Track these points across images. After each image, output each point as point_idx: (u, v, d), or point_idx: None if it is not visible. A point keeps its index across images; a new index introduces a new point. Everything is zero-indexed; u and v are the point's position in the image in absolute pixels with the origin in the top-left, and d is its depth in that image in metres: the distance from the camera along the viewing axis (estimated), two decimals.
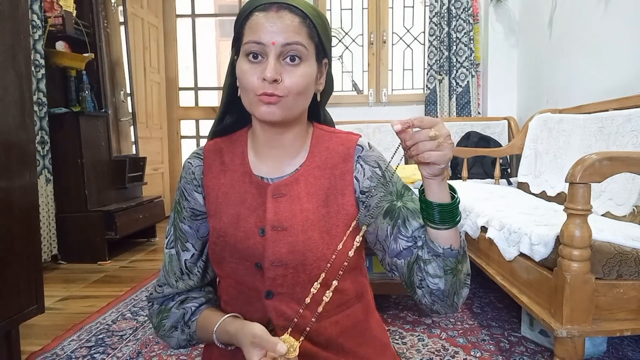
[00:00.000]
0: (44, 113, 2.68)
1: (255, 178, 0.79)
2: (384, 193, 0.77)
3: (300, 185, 0.78)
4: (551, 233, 1.33)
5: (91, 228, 2.89)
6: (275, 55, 0.69)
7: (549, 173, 2.37)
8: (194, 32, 4.50)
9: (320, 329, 0.77)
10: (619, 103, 2.04)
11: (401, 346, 1.66)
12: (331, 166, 0.79)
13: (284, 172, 0.79)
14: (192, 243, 0.84)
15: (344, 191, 0.78)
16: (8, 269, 1.41)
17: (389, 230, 0.75)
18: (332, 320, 0.78)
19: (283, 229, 0.75)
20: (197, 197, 0.83)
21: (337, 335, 0.79)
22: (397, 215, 0.75)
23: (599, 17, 2.41)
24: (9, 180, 1.42)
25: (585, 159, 1.20)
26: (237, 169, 0.81)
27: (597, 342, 1.59)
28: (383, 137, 3.48)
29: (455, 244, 0.69)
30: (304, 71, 0.71)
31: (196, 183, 0.83)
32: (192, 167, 0.83)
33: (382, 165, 0.80)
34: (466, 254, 0.73)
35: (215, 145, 0.84)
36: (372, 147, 0.82)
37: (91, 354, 1.64)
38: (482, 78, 3.67)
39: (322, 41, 0.75)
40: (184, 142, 4.67)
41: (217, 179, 0.81)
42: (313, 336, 0.77)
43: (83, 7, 3.07)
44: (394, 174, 0.80)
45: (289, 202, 0.77)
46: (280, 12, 0.70)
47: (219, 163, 0.82)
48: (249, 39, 0.71)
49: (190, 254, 0.84)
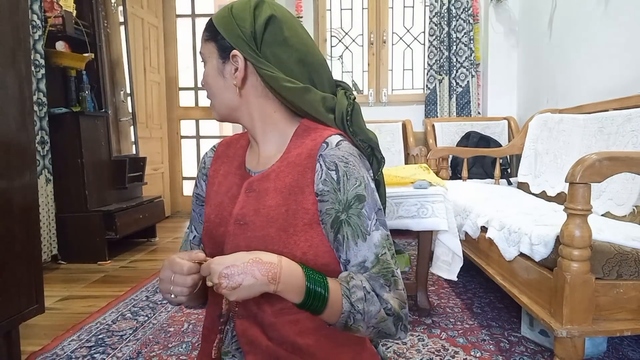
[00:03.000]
0: (44, 113, 2.68)
1: (244, 170, 0.85)
2: (334, 200, 0.75)
3: (270, 181, 0.79)
4: (551, 233, 1.33)
5: (91, 228, 2.89)
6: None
7: (549, 173, 2.37)
8: (194, 32, 4.51)
9: (277, 324, 0.76)
10: (619, 103, 2.04)
11: (401, 346, 1.66)
12: (298, 163, 0.78)
13: (264, 167, 0.82)
14: (195, 226, 0.93)
15: (304, 189, 0.76)
16: (8, 269, 1.41)
17: (331, 241, 0.77)
18: (292, 319, 0.76)
19: (244, 224, 0.78)
20: (202, 185, 0.92)
21: (295, 335, 0.76)
22: (338, 230, 0.75)
23: (599, 18, 2.41)
24: (9, 180, 1.42)
25: (585, 159, 1.20)
26: (235, 161, 0.88)
27: (597, 342, 1.59)
28: (383, 137, 3.49)
29: (327, 320, 0.73)
30: (205, 71, 0.83)
31: (204, 172, 0.92)
32: (206, 157, 0.94)
33: (340, 168, 0.75)
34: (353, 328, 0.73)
35: (229, 139, 0.94)
36: (339, 145, 0.77)
37: (91, 354, 1.64)
38: (482, 78, 3.67)
39: (225, 38, 0.79)
40: (184, 142, 4.67)
41: (218, 169, 0.89)
42: (268, 331, 0.76)
43: (83, 7, 3.07)
44: (353, 179, 0.75)
45: (256, 198, 0.79)
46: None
47: (224, 155, 0.91)
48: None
49: (194, 235, 0.94)
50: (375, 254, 0.75)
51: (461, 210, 2.10)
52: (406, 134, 3.55)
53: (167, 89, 4.48)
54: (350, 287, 0.71)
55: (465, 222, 2.03)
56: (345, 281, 0.72)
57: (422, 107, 3.74)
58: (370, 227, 0.75)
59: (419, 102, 3.80)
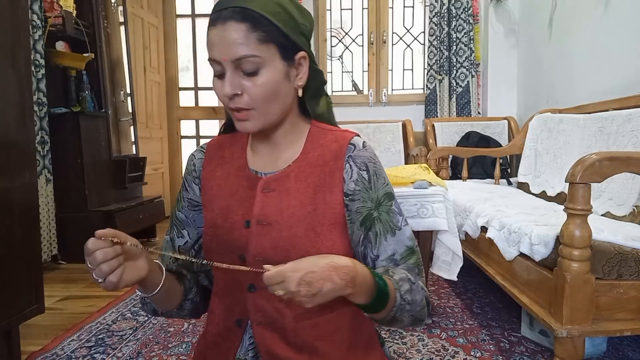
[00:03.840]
0: (44, 113, 2.68)
1: (249, 172, 0.81)
2: (365, 199, 0.77)
3: (290, 181, 0.78)
4: (551, 233, 1.33)
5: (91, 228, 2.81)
6: (231, 70, 0.70)
7: (549, 173, 2.37)
8: (194, 32, 4.50)
9: (298, 329, 0.76)
10: (619, 103, 2.04)
11: (401, 346, 1.66)
12: (322, 163, 0.78)
13: (277, 168, 0.80)
14: (188, 231, 0.88)
15: (332, 189, 0.77)
16: (8, 269, 1.41)
17: (361, 239, 0.77)
18: (312, 323, 0.77)
19: (268, 224, 0.76)
20: (194, 188, 0.87)
21: (314, 339, 0.77)
22: (370, 227, 0.76)
23: (599, 17, 2.41)
24: (9, 180, 1.42)
25: (585, 159, 1.20)
26: (234, 162, 0.84)
27: (597, 342, 1.59)
28: (383, 137, 3.49)
29: (375, 317, 0.74)
30: (264, 79, 0.70)
31: (195, 175, 0.86)
32: (195, 159, 0.87)
33: (370, 168, 0.78)
34: (398, 319, 0.74)
35: (218, 141, 0.88)
36: (365, 147, 0.80)
37: (91, 354, 1.64)
38: (482, 78, 3.67)
39: (290, 37, 0.72)
40: (184, 142, 4.67)
41: (214, 171, 0.85)
42: (289, 336, 0.77)
43: (83, 7, 3.07)
44: (382, 178, 0.78)
45: (277, 197, 0.77)
46: (226, 23, 0.68)
47: (218, 157, 0.86)
48: (208, 56, 0.72)
49: (184, 241, 0.88)
50: (409, 246, 0.78)
51: (461, 210, 2.10)
52: (406, 134, 3.55)
53: (167, 89, 4.47)
54: (398, 281, 0.72)
55: (465, 222, 2.03)
56: (389, 275, 0.72)
57: (422, 107, 3.74)
58: (401, 222, 0.78)
59: (419, 102, 3.80)
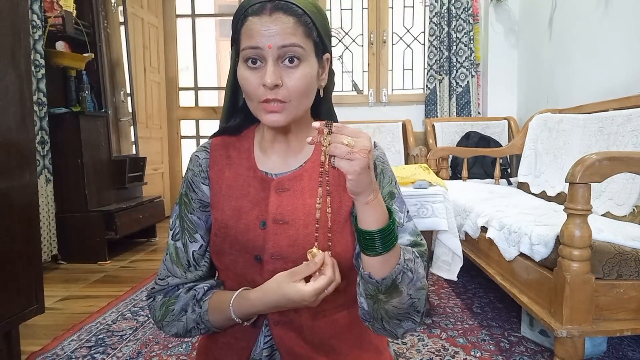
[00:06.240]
0: (44, 113, 2.68)
1: (260, 172, 0.80)
2: None
3: (304, 181, 0.78)
4: (551, 233, 1.34)
5: (91, 228, 2.89)
6: (273, 59, 0.69)
7: (549, 173, 2.37)
8: (194, 32, 4.50)
9: (316, 328, 0.78)
10: (619, 103, 2.04)
11: (401, 346, 1.66)
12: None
13: (289, 168, 0.80)
14: (201, 234, 0.83)
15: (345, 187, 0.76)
16: (8, 269, 1.41)
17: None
18: (329, 320, 0.78)
19: (284, 223, 0.76)
20: (204, 188, 0.83)
21: (330, 337, 0.78)
22: None
23: (599, 18, 2.41)
24: (9, 180, 1.41)
25: (585, 159, 1.20)
26: (242, 163, 0.82)
27: (597, 342, 1.59)
28: (383, 137, 3.49)
29: (376, 273, 0.67)
30: (304, 72, 0.71)
31: (203, 175, 0.83)
32: (200, 159, 0.84)
33: (378, 166, 0.79)
34: (398, 288, 0.69)
35: (222, 140, 0.85)
36: (376, 146, 0.81)
37: (91, 354, 1.64)
38: (482, 78, 3.67)
39: (322, 37, 0.74)
40: (184, 142, 4.67)
41: (222, 172, 0.82)
42: (307, 335, 0.77)
43: (83, 7, 3.07)
44: (387, 177, 0.79)
45: (291, 196, 0.78)
46: (274, 14, 0.69)
47: (224, 157, 0.83)
48: (245, 45, 0.70)
49: (199, 245, 0.83)
50: (412, 239, 0.78)
51: (461, 210, 2.10)
52: (406, 134, 3.55)
53: (167, 89, 4.47)
54: (402, 247, 0.71)
55: (465, 222, 2.03)
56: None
57: (422, 107, 3.74)
58: (402, 219, 0.78)
59: (419, 102, 3.80)
